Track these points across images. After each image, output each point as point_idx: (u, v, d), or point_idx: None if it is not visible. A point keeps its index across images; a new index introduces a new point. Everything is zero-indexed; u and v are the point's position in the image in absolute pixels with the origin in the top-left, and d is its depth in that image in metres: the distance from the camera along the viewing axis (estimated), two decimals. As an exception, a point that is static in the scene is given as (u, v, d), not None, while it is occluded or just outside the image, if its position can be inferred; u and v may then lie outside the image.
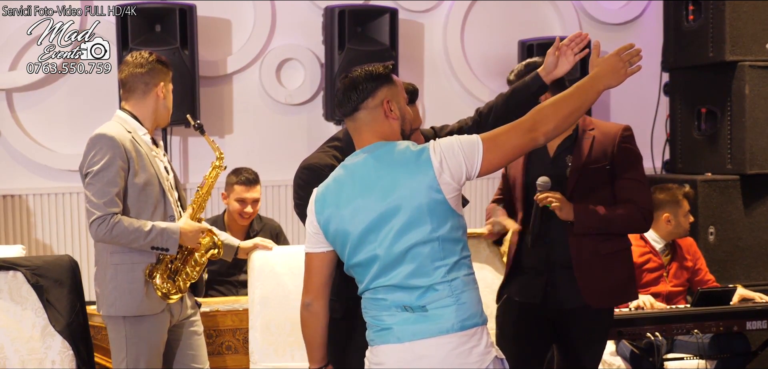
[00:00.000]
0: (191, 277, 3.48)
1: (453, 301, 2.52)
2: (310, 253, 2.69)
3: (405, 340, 2.53)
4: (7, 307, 3.82)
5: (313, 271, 2.70)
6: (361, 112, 2.64)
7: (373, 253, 2.56)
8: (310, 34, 5.70)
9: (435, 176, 2.51)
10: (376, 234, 2.54)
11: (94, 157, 3.32)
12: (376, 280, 2.57)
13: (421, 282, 2.52)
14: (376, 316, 2.59)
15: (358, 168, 2.60)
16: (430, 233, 2.51)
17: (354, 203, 2.57)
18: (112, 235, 3.29)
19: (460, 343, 2.51)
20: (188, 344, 3.56)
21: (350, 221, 2.57)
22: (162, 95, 3.47)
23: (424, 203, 2.51)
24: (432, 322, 2.51)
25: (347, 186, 2.60)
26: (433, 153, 2.53)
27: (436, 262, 2.52)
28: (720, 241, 5.39)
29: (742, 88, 5.34)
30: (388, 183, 2.54)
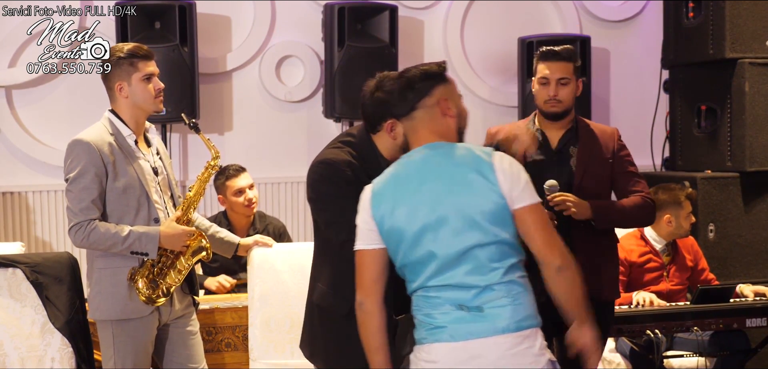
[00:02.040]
0: (174, 281, 3.45)
1: (509, 302, 2.53)
2: (362, 249, 2.65)
3: (459, 339, 2.52)
4: (7, 304, 3.82)
5: (365, 268, 2.65)
6: (419, 111, 2.64)
7: (429, 252, 2.54)
8: (310, 31, 5.70)
9: (497, 180, 2.53)
10: (434, 233, 2.53)
11: (71, 163, 3.34)
12: (431, 279, 2.56)
13: (477, 281, 2.52)
14: (429, 314, 2.58)
15: (417, 166, 2.60)
16: (489, 236, 2.52)
17: (412, 201, 2.56)
18: (89, 241, 3.31)
19: (515, 343, 2.51)
20: (183, 344, 3.55)
21: (407, 219, 2.56)
22: (124, 94, 3.41)
23: (485, 205, 2.52)
24: (487, 321, 2.51)
25: (405, 183, 2.59)
26: (498, 160, 2.55)
27: (493, 263, 2.53)
28: (720, 238, 5.39)
29: (742, 85, 5.34)
30: (449, 183, 2.54)
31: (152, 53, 3.47)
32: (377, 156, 2.93)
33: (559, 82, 3.47)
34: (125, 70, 3.40)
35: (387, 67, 5.39)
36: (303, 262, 4.11)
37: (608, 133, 3.57)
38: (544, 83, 3.50)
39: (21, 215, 5.38)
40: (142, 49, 3.44)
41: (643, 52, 6.30)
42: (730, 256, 5.41)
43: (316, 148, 5.79)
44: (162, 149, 3.61)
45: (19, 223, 5.37)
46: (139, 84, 3.40)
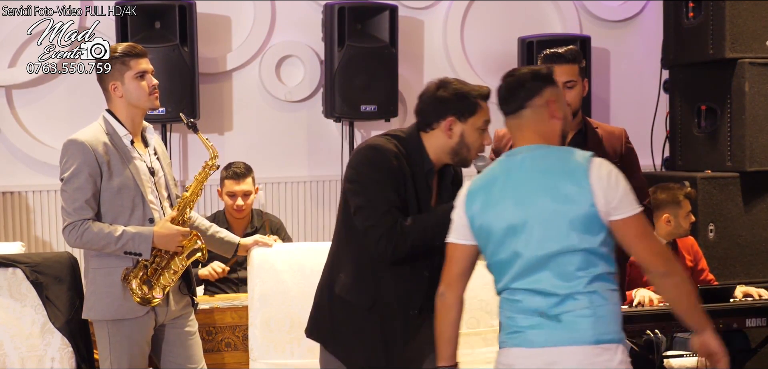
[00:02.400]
0: (168, 282, 3.44)
1: (591, 313, 2.50)
2: (454, 243, 2.68)
3: (537, 345, 2.52)
4: (7, 304, 3.82)
5: (453, 260, 2.68)
6: (527, 110, 2.65)
7: (514, 254, 2.55)
8: (310, 31, 5.70)
9: (592, 189, 2.51)
10: (520, 235, 2.54)
11: (66, 163, 3.35)
12: (515, 281, 2.56)
13: (560, 289, 2.51)
14: (511, 317, 2.58)
15: (514, 166, 2.61)
16: (577, 243, 2.51)
17: (504, 201, 2.57)
18: (83, 241, 3.32)
19: (593, 354, 2.49)
20: (181, 344, 3.55)
21: (495, 218, 2.57)
22: (119, 94, 3.41)
23: (575, 212, 2.50)
24: (567, 330, 2.50)
25: (500, 183, 2.60)
26: (596, 170, 2.53)
27: (578, 271, 2.51)
28: (719, 238, 5.39)
29: (742, 85, 5.34)
30: (543, 186, 2.54)
31: (145, 51, 3.47)
32: (423, 154, 2.97)
33: (566, 86, 3.44)
34: (118, 70, 3.40)
35: (387, 67, 5.44)
36: (303, 262, 4.11)
37: (616, 134, 3.55)
38: None
39: (21, 215, 5.38)
40: (134, 48, 3.44)
41: (643, 52, 6.30)
42: (730, 256, 5.41)
43: (316, 148, 5.85)
44: (160, 149, 3.60)
45: (19, 222, 5.37)
46: (132, 82, 3.40)
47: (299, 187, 5.83)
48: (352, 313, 2.97)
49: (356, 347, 2.97)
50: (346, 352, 2.99)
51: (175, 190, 3.63)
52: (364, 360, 2.97)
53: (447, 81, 2.98)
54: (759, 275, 5.39)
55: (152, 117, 4.72)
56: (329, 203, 5.87)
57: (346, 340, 2.98)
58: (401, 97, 5.84)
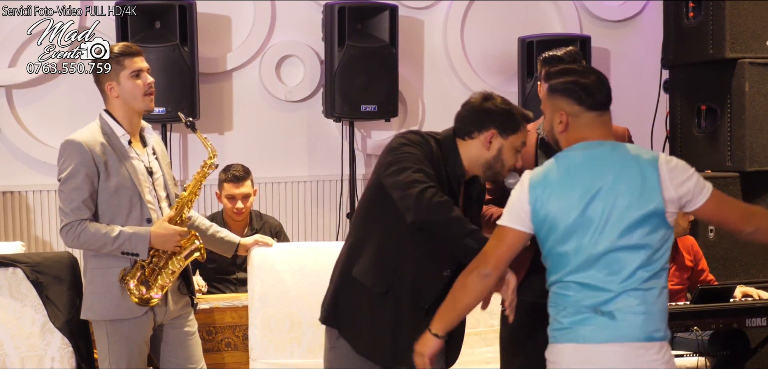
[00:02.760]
0: (166, 282, 3.44)
1: (643, 311, 2.53)
2: (508, 227, 2.67)
3: (585, 341, 2.53)
4: (7, 303, 3.82)
5: (503, 243, 2.68)
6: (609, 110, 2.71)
7: (574, 248, 2.56)
8: (310, 30, 5.70)
9: (660, 187, 2.55)
10: (585, 229, 2.55)
11: (63, 164, 3.35)
12: (571, 275, 2.57)
13: (615, 286, 2.53)
14: (561, 312, 2.60)
15: (580, 160, 2.62)
16: (639, 239, 2.54)
17: (569, 194, 2.58)
18: (80, 241, 3.32)
19: (642, 352, 2.52)
20: (180, 344, 3.55)
21: (561, 210, 2.58)
22: (115, 94, 3.41)
23: (641, 209, 2.54)
24: (618, 327, 2.52)
25: (569, 175, 2.61)
26: (664, 165, 2.58)
27: (637, 268, 2.54)
28: (720, 238, 5.39)
29: (742, 85, 5.34)
30: (611, 181, 2.56)
31: (140, 50, 3.47)
32: (457, 159, 2.99)
33: None
34: (113, 70, 3.41)
35: (387, 67, 5.44)
36: (303, 262, 4.12)
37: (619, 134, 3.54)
38: None
39: (21, 215, 5.38)
40: (129, 47, 3.45)
41: (643, 52, 6.30)
42: (730, 255, 5.41)
43: (316, 148, 5.85)
44: (159, 149, 3.60)
45: (19, 222, 5.37)
46: (127, 81, 3.40)
47: (299, 187, 5.83)
48: (365, 297, 2.97)
49: (365, 332, 2.98)
50: (354, 336, 3.00)
51: (175, 189, 3.63)
52: (372, 346, 2.98)
53: (493, 95, 3.03)
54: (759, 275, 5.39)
55: (152, 117, 4.72)
56: (329, 203, 5.87)
57: (357, 324, 2.99)
58: (401, 97, 5.84)
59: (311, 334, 4.03)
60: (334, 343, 3.06)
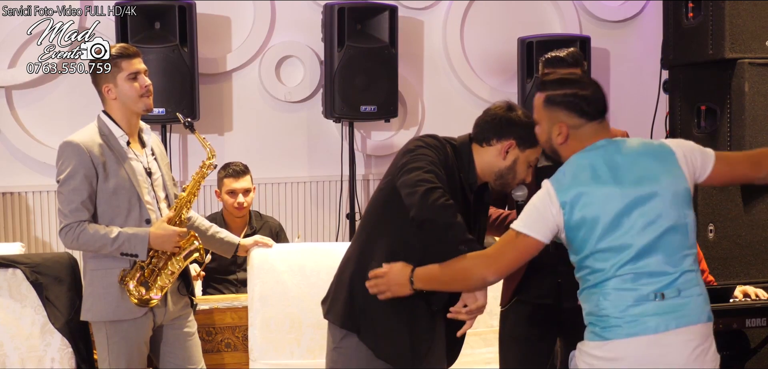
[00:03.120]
0: (166, 283, 3.44)
1: (701, 290, 2.61)
2: (528, 235, 2.63)
3: (656, 331, 2.54)
4: (7, 304, 3.83)
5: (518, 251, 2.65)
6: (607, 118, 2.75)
7: (625, 238, 2.56)
8: (310, 31, 5.70)
9: (681, 167, 2.62)
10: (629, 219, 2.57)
11: (62, 165, 3.36)
12: (626, 266, 2.56)
13: (674, 268, 2.57)
14: (619, 306, 2.56)
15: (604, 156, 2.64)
16: (681, 219, 2.59)
17: (606, 189, 2.59)
18: (79, 242, 3.32)
19: (705, 336, 2.60)
20: (180, 345, 3.55)
21: (601, 206, 2.58)
22: (112, 96, 3.42)
23: (675, 190, 2.60)
24: (688, 309, 2.56)
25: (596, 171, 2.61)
26: (675, 147, 2.66)
27: (684, 250, 2.60)
28: (719, 238, 5.39)
29: (742, 85, 5.33)
30: (641, 170, 2.61)
31: (138, 51, 3.47)
32: (471, 165, 2.99)
33: None
34: (110, 72, 3.41)
35: (387, 67, 5.44)
36: (303, 263, 4.12)
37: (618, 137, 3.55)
38: None
39: (21, 216, 5.38)
40: (127, 49, 3.45)
41: (642, 52, 6.30)
42: (730, 256, 5.41)
43: (316, 148, 5.85)
44: (158, 150, 3.60)
45: (19, 223, 5.37)
46: (124, 83, 3.41)
47: (299, 188, 5.83)
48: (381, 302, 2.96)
49: (385, 336, 2.98)
50: (375, 341, 2.99)
51: (174, 190, 3.63)
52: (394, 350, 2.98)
53: (516, 106, 3.03)
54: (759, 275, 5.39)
55: (151, 117, 4.72)
56: (329, 204, 5.87)
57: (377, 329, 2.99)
58: (401, 98, 5.85)
59: (311, 334, 4.03)
60: (339, 343, 3.05)
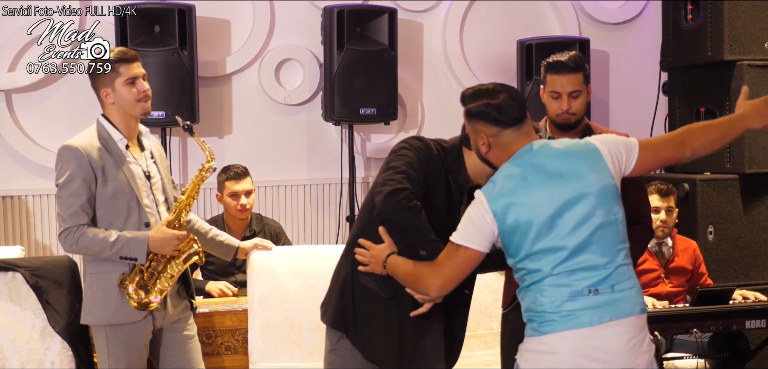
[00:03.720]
0: (165, 286, 3.44)
1: (634, 284, 2.65)
2: (467, 248, 2.68)
3: (591, 324, 2.57)
4: (7, 307, 3.83)
5: (467, 266, 2.72)
6: (528, 118, 2.77)
7: (559, 239, 2.61)
8: (309, 34, 5.70)
9: (607, 164, 2.66)
10: (562, 220, 2.61)
11: (61, 169, 3.36)
12: (562, 265, 2.61)
13: (607, 264, 2.61)
14: (554, 301, 2.61)
15: (531, 161, 2.68)
16: (611, 215, 2.63)
17: (537, 193, 2.63)
18: (78, 246, 3.33)
19: (639, 329, 2.62)
20: (180, 348, 3.55)
21: (534, 209, 2.62)
22: (111, 100, 3.42)
23: (604, 188, 2.64)
24: (623, 303, 2.60)
25: (525, 178, 2.66)
26: (600, 145, 2.69)
27: (617, 244, 2.64)
28: (719, 240, 5.39)
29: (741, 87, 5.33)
30: (568, 171, 2.64)
31: (136, 56, 3.47)
32: (461, 168, 2.99)
33: (571, 96, 3.42)
34: (108, 77, 3.41)
35: (386, 70, 5.44)
36: (302, 265, 4.12)
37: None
38: (556, 97, 3.44)
39: (21, 219, 5.38)
40: (125, 53, 3.44)
41: (642, 54, 6.30)
42: (730, 258, 5.41)
43: (316, 151, 5.85)
44: (158, 153, 3.60)
45: (19, 226, 5.37)
46: (122, 88, 3.40)
47: (298, 191, 5.83)
48: (374, 303, 2.98)
49: (375, 338, 2.99)
50: (365, 342, 3.00)
51: (173, 193, 3.63)
52: (381, 352, 2.98)
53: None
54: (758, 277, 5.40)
55: (151, 121, 4.72)
56: (329, 206, 5.87)
57: (367, 330, 2.99)
58: (401, 100, 5.85)
59: (311, 337, 4.03)
60: (335, 344, 3.06)
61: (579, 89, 3.43)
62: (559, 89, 3.41)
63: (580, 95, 3.44)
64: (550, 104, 3.49)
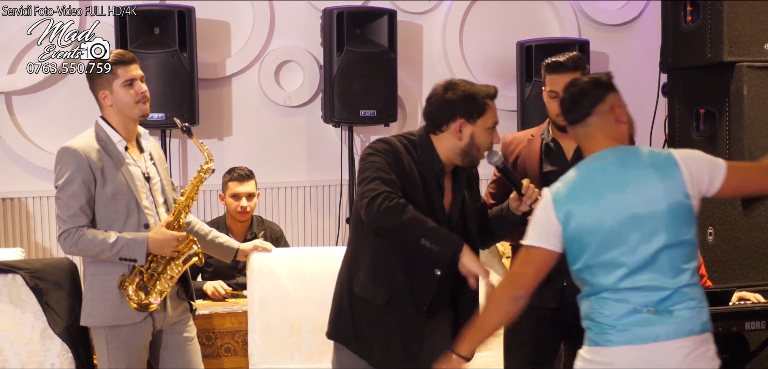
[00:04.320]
0: (165, 287, 3.44)
1: (696, 304, 2.60)
2: (537, 247, 2.67)
3: (645, 341, 2.56)
4: (7, 309, 3.83)
5: (533, 264, 2.69)
6: (593, 117, 2.71)
7: (620, 255, 2.58)
8: (309, 35, 5.70)
9: (684, 181, 2.60)
10: (626, 234, 2.58)
11: (60, 171, 3.37)
12: (623, 281, 2.59)
13: (669, 284, 2.58)
14: (613, 315, 2.60)
15: (605, 169, 2.65)
16: (680, 236, 2.59)
17: (603, 202, 2.60)
18: (77, 248, 3.33)
19: (698, 345, 2.60)
20: (179, 350, 3.56)
21: (598, 219, 2.59)
22: (109, 102, 3.42)
23: (674, 207, 2.58)
24: (677, 324, 2.57)
25: (592, 186, 2.63)
26: (680, 160, 2.63)
27: (683, 264, 2.59)
28: (719, 241, 5.39)
29: (741, 88, 5.34)
30: (639, 184, 2.60)
31: (134, 58, 3.47)
32: (433, 156, 2.99)
33: None
34: (106, 79, 3.41)
35: (386, 71, 5.44)
36: (302, 267, 4.12)
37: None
38: (554, 96, 3.45)
39: (21, 221, 5.38)
40: (123, 55, 3.45)
41: (641, 55, 6.31)
42: (730, 259, 5.41)
43: (316, 153, 5.85)
44: (157, 154, 3.60)
45: (19, 228, 5.37)
46: (120, 90, 3.41)
47: (298, 192, 5.83)
48: (371, 311, 2.99)
49: (376, 345, 3.00)
50: (367, 351, 3.02)
51: (173, 194, 3.63)
52: (384, 358, 2.99)
53: (454, 83, 3.00)
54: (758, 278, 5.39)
55: (150, 122, 4.72)
56: (328, 208, 5.87)
57: (367, 339, 3.01)
58: (400, 102, 5.85)
59: (310, 338, 4.03)
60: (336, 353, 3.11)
61: None
62: (557, 89, 3.42)
63: None
64: (550, 104, 3.50)
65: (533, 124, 4.26)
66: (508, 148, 3.63)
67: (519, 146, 3.59)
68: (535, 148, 3.54)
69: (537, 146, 3.55)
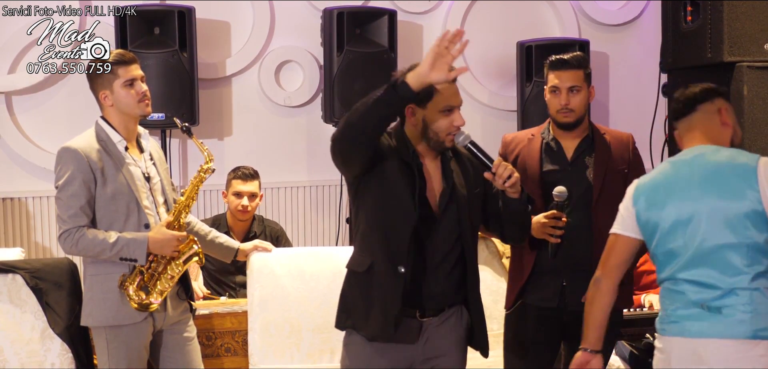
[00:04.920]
0: (165, 287, 3.45)
1: (750, 309, 2.63)
2: (619, 234, 2.86)
3: (693, 335, 2.66)
4: (7, 309, 3.83)
5: (614, 250, 2.87)
6: (698, 112, 2.85)
7: (680, 246, 2.70)
8: (309, 35, 5.70)
9: (759, 188, 2.66)
10: (687, 228, 2.69)
11: (60, 171, 3.37)
12: (679, 272, 2.71)
13: (723, 283, 2.64)
14: (671, 306, 2.73)
15: (683, 165, 2.78)
16: (743, 238, 2.65)
17: (671, 196, 2.73)
18: (78, 248, 3.33)
19: (748, 349, 2.61)
20: (179, 350, 3.56)
21: (663, 212, 2.73)
22: (109, 102, 3.42)
23: (743, 209, 2.65)
24: (725, 324, 2.63)
25: (668, 180, 2.76)
26: (763, 166, 2.69)
27: (742, 267, 2.65)
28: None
29: (741, 88, 5.34)
30: (711, 183, 2.69)
31: (135, 58, 3.47)
32: (406, 142, 3.06)
33: (570, 91, 3.46)
34: (107, 79, 3.41)
35: (386, 71, 5.40)
36: (302, 267, 4.12)
37: (624, 140, 3.56)
38: (556, 92, 3.48)
39: (21, 221, 5.38)
40: (123, 55, 3.45)
41: (641, 55, 6.31)
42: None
43: (316, 152, 5.85)
44: (157, 154, 3.60)
45: (19, 228, 5.37)
46: (121, 90, 3.41)
47: (298, 192, 5.83)
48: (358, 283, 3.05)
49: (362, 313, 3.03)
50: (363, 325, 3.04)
51: (173, 194, 3.63)
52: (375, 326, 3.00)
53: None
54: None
55: (150, 122, 4.72)
56: (329, 208, 5.87)
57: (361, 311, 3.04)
58: (400, 102, 5.84)
59: (311, 338, 4.03)
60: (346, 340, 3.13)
61: (578, 85, 3.46)
62: (558, 84, 3.45)
63: (580, 92, 3.47)
64: (551, 101, 3.51)
65: (533, 123, 4.27)
66: (509, 148, 3.63)
67: (519, 146, 3.59)
68: (536, 148, 3.55)
69: (537, 146, 3.55)
